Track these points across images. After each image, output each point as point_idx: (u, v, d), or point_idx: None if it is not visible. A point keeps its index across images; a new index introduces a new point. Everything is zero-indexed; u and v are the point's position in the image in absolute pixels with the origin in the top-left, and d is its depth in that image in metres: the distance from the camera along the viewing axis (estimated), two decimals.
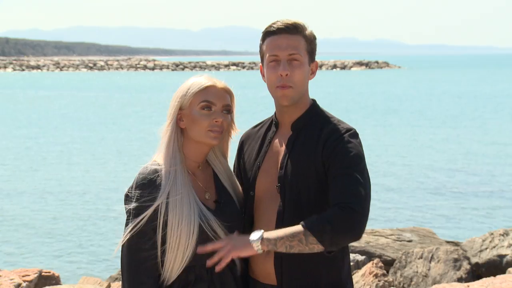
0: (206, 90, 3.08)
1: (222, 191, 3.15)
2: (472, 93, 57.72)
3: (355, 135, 2.98)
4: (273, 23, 3.05)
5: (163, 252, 3.01)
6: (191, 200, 3.03)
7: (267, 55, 3.04)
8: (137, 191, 3.02)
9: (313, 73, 3.10)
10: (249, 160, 3.16)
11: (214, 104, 3.06)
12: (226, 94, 3.11)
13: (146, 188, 3.02)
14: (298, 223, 2.91)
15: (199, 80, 3.12)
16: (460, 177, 18.83)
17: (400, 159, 21.85)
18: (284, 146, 3.06)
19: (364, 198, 2.83)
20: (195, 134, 3.08)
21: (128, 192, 3.05)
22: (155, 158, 3.12)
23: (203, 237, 3.01)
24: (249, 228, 3.12)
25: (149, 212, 2.99)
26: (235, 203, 3.15)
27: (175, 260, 3.00)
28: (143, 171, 3.06)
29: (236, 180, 3.21)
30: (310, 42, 3.06)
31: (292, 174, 2.98)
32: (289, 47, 3.00)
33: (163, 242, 3.00)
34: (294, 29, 3.02)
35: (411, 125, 32.38)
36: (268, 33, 3.05)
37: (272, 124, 3.17)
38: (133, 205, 3.02)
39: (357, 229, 2.80)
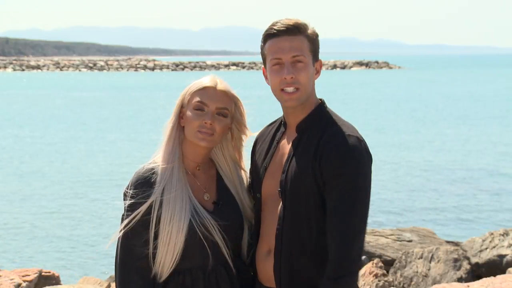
0: (203, 90, 3.10)
1: (223, 193, 3.14)
2: (472, 93, 57.73)
3: (356, 147, 2.88)
4: (274, 24, 2.97)
5: (155, 247, 3.03)
6: (184, 197, 3.04)
7: (270, 58, 2.97)
8: (132, 190, 3.05)
9: (317, 72, 3.02)
10: (259, 160, 3.13)
11: (207, 105, 3.07)
12: (225, 97, 3.11)
13: (141, 187, 3.05)
14: (297, 228, 2.94)
15: (201, 80, 3.14)
16: (460, 177, 18.83)
17: (400, 159, 21.85)
18: (288, 149, 3.02)
19: (356, 257, 2.86)
20: (187, 133, 3.10)
21: (125, 191, 3.09)
22: (154, 157, 3.15)
23: (194, 235, 3.01)
24: (256, 230, 3.11)
25: (142, 208, 3.02)
26: (237, 205, 3.14)
27: (166, 255, 3.01)
28: (139, 171, 3.10)
29: (244, 184, 3.20)
30: (313, 41, 2.98)
31: (292, 179, 2.94)
32: (292, 49, 2.92)
33: (155, 237, 3.02)
34: (295, 30, 2.94)
35: (411, 125, 32.39)
36: (269, 35, 2.97)
37: (281, 124, 3.13)
38: (128, 203, 3.05)
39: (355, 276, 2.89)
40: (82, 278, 8.06)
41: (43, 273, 7.36)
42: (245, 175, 3.25)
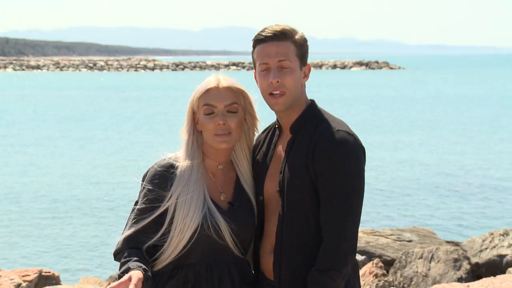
0: (207, 93, 3.12)
1: (240, 195, 3.17)
2: (474, 94, 57.76)
3: (346, 140, 2.99)
4: (262, 31, 3.09)
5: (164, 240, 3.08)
6: (200, 197, 3.07)
7: (258, 63, 3.08)
8: (148, 186, 3.09)
9: (306, 76, 3.13)
10: (259, 165, 3.22)
11: (215, 107, 3.09)
12: (231, 93, 3.13)
13: (157, 185, 3.08)
14: (296, 226, 3.03)
15: (205, 82, 3.16)
16: (460, 177, 18.83)
17: (400, 159, 21.85)
18: (284, 150, 3.12)
19: (346, 251, 2.94)
20: (205, 138, 3.13)
21: (142, 182, 3.13)
22: (177, 153, 3.17)
23: (203, 233, 3.05)
24: (259, 231, 3.19)
25: (155, 213, 3.06)
26: (252, 209, 3.17)
27: (168, 248, 3.06)
28: (159, 163, 3.13)
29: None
30: (300, 46, 3.09)
31: (289, 179, 3.04)
32: (278, 54, 3.04)
33: (168, 231, 3.07)
34: (282, 36, 3.05)
35: (411, 125, 32.39)
36: (257, 41, 3.10)
37: (275, 128, 3.23)
38: (142, 199, 3.08)
39: (344, 269, 2.96)
40: (82, 278, 8.06)
41: (43, 273, 7.37)
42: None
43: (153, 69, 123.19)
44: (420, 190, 17.18)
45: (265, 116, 3.24)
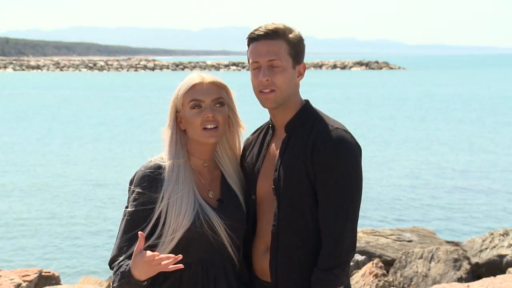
0: (193, 88, 3.13)
1: (227, 192, 3.18)
2: (473, 94, 57.76)
3: (344, 138, 2.99)
4: (256, 29, 3.10)
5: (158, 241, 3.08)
6: (190, 195, 3.08)
7: (250, 61, 3.10)
8: (137, 189, 3.08)
9: (300, 74, 3.13)
10: (250, 164, 3.22)
11: (203, 101, 3.11)
12: (216, 88, 3.15)
13: (147, 187, 3.07)
14: (293, 224, 3.02)
15: (187, 79, 3.17)
16: (460, 177, 18.84)
17: (400, 159, 21.85)
18: (279, 148, 3.12)
19: (347, 248, 2.96)
20: (192, 134, 3.13)
21: (129, 186, 3.12)
22: (162, 154, 3.17)
23: (198, 231, 3.05)
24: (252, 230, 3.18)
25: (151, 219, 3.05)
26: (241, 205, 3.18)
27: (161, 247, 3.06)
28: (146, 165, 3.13)
29: (244, 182, 3.25)
30: (294, 45, 3.09)
31: (285, 176, 3.04)
32: (269, 53, 3.04)
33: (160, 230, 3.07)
34: (274, 35, 3.06)
35: (410, 126, 32.40)
36: (250, 40, 3.11)
37: (269, 128, 3.23)
38: (131, 207, 3.07)
39: (345, 274, 2.98)
40: (82, 278, 8.06)
41: (43, 273, 7.37)
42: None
43: (153, 69, 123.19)
44: (420, 190, 17.18)
45: (256, 116, 3.24)
